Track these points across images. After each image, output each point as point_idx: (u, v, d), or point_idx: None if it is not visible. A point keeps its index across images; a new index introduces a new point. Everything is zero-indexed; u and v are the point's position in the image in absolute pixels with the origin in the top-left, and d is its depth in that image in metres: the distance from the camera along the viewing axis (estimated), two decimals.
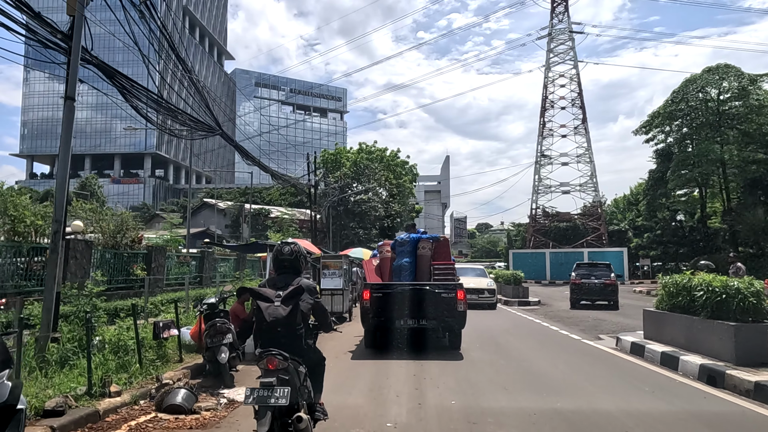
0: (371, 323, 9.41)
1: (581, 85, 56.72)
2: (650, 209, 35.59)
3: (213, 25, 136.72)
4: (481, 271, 20.68)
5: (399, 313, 9.17)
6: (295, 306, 3.56)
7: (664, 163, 31.60)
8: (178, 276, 16.86)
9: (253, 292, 3.71)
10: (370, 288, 9.44)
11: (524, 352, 9.69)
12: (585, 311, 18.05)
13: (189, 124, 10.39)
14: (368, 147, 47.73)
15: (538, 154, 58.80)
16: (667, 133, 31.92)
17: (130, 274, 13.95)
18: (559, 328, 13.12)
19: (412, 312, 9.17)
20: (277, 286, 3.72)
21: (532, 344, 10.68)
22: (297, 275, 3.88)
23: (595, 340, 11.09)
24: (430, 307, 9.17)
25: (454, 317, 9.19)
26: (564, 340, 11.32)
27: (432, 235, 10.84)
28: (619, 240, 52.91)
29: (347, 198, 38.95)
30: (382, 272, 10.64)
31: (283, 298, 3.57)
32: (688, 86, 27.71)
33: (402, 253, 10.33)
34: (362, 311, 9.45)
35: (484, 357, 9.07)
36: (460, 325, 9.35)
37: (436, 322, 9.29)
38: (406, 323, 9.25)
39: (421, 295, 9.18)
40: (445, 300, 9.16)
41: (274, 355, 3.46)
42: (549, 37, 59.04)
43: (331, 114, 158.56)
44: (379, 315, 9.27)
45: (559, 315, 16.95)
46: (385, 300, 9.21)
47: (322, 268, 14.38)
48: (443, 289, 9.26)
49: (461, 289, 9.28)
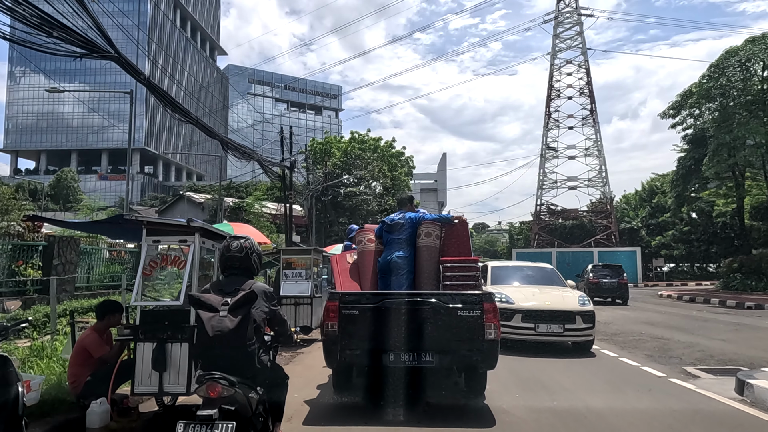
0: (340, 360, 5.55)
1: (590, 73, 53.00)
2: (679, 202, 31.68)
3: (206, 20, 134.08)
4: (552, 275, 11.32)
5: (386, 342, 5.41)
6: (246, 316, 2.99)
7: (697, 149, 27.75)
8: (102, 277, 12.96)
9: (193, 300, 3.09)
10: (339, 301, 5.56)
11: (591, 403, 5.86)
12: (633, 326, 14.25)
13: None
14: (361, 136, 43.51)
15: (543, 146, 55.06)
16: (696, 117, 28.11)
17: (16, 273, 10.05)
18: (618, 354, 9.25)
19: (409, 341, 5.39)
20: (224, 291, 3.11)
21: (598, 387, 6.84)
22: (249, 278, 3.29)
23: (689, 379, 7.23)
24: (437, 334, 5.40)
25: (477, 350, 5.38)
26: (640, 378, 7.47)
27: (441, 215, 6.88)
28: (631, 239, 49.27)
29: (336, 190, 35.07)
30: (361, 275, 6.63)
31: (231, 307, 2.97)
32: (729, 59, 23.91)
33: (393, 243, 6.46)
34: (325, 340, 5.59)
35: (528, 415, 5.26)
36: (487, 362, 5.50)
37: (449, 357, 5.47)
38: (398, 360, 5.42)
39: (424, 314, 5.45)
40: (463, 321, 5.40)
41: (217, 380, 2.82)
42: (555, 21, 55.23)
43: (326, 111, 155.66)
44: (353, 346, 5.48)
45: (600, 329, 13.09)
46: (363, 321, 5.47)
47: (284, 267, 10.48)
48: (460, 303, 5.46)
49: (490, 302, 5.46)
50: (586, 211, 53.61)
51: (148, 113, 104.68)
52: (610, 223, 49.89)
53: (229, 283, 3.20)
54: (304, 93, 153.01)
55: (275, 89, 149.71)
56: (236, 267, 3.30)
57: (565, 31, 55.19)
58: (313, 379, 7.10)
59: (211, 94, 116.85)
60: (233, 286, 3.15)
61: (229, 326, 2.91)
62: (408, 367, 5.51)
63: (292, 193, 20.68)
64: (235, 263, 3.29)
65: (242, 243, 3.33)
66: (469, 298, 5.49)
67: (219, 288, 3.18)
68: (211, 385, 2.85)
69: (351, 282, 6.58)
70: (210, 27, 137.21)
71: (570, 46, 54.75)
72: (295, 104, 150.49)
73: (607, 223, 50.32)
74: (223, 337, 2.91)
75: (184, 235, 4.80)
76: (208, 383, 2.86)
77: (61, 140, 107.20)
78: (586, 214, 53.17)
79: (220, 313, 2.96)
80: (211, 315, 2.96)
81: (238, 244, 3.32)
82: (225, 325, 2.92)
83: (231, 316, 2.95)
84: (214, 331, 2.91)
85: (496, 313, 5.45)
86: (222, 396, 2.85)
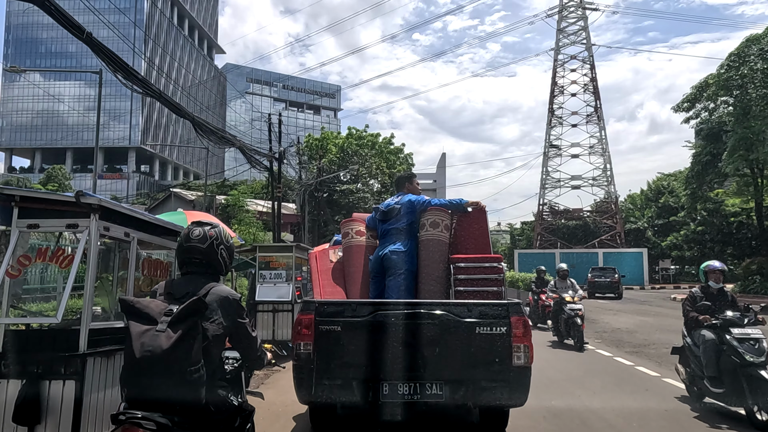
0: (315, 395, 4.06)
1: (595, 68, 51.47)
2: (694, 200, 30.15)
3: (203, 18, 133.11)
4: None
5: (379, 370, 4.01)
6: (189, 332, 2.13)
7: (713, 145, 26.22)
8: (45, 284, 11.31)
9: (124, 305, 2.20)
10: (316, 313, 4.13)
11: None
12: (660, 335, 12.78)
13: None
14: (358, 132, 41.88)
15: (545, 144, 53.52)
16: (711, 111, 26.62)
17: None
18: (661, 374, 7.74)
19: (410, 368, 3.98)
20: (173, 295, 2.31)
21: (648, 425, 5.33)
22: (211, 279, 2.46)
23: None
24: (447, 358, 3.98)
25: (502, 380, 3.94)
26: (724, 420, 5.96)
27: (452, 200, 5.22)
28: (636, 240, 47.71)
29: (332, 187, 33.46)
30: (348, 277, 5.17)
31: (172, 319, 2.12)
32: (750, 47, 22.41)
33: (388, 234, 5.01)
34: (296, 366, 4.12)
35: None
36: (516, 397, 4.00)
37: (464, 390, 3.98)
38: (394, 394, 3.98)
39: (429, 331, 4.01)
40: (483, 342, 3.98)
41: (139, 422, 2.01)
42: (559, 15, 53.71)
43: (325, 111, 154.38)
44: (334, 375, 4.05)
45: (624, 339, 11.59)
46: (348, 341, 4.08)
47: (261, 267, 8.91)
48: (479, 316, 4.03)
49: (519, 315, 4.03)
50: (590, 211, 52.09)
51: (144, 111, 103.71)
52: (615, 224, 48.36)
53: (182, 285, 2.40)
54: (303, 92, 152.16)
55: (273, 88, 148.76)
56: (196, 263, 2.49)
57: (570, 25, 53.68)
58: (289, 409, 5.56)
59: (209, 92, 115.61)
60: (187, 288, 2.35)
61: (163, 345, 2.09)
62: (408, 403, 4.02)
63: (281, 186, 19.06)
64: (196, 257, 2.48)
65: (206, 231, 2.51)
66: (490, 309, 4.08)
67: (170, 290, 2.39)
68: (128, 429, 2.06)
69: (334, 287, 5.13)
70: (208, 25, 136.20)
71: (574, 41, 53.24)
72: (294, 103, 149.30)
73: (612, 223, 48.78)
74: (153, 360, 2.08)
75: (76, 216, 3.26)
76: (125, 425, 2.07)
77: (56, 138, 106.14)
78: (590, 214, 51.64)
79: (156, 327, 2.15)
80: (143, 329, 2.14)
81: (201, 232, 2.50)
82: (158, 343, 2.10)
83: (170, 331, 2.14)
84: (142, 351, 2.09)
85: (527, 329, 4.04)
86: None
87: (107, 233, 3.45)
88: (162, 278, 4.62)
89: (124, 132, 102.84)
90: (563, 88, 53.00)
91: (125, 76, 8.42)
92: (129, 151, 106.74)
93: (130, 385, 2.19)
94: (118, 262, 4.34)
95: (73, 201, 3.17)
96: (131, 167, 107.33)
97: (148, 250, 4.49)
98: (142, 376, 2.13)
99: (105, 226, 3.39)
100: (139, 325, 2.17)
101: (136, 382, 2.17)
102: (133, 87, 8.62)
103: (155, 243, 4.41)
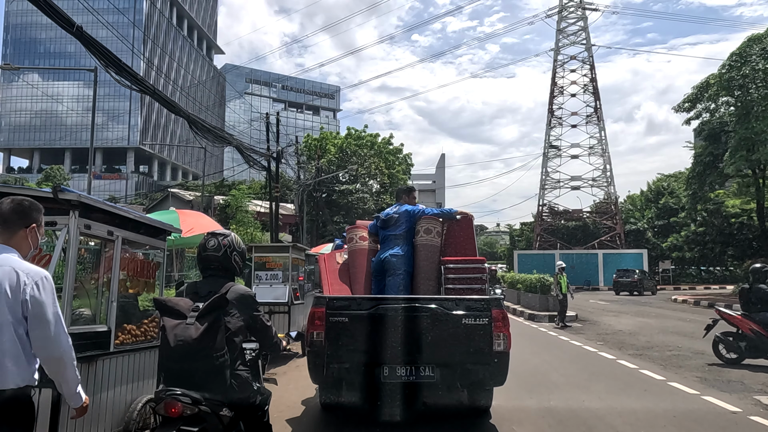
0: (327, 375, 4.86)
1: (594, 69, 51.30)
2: (695, 201, 29.98)
3: (202, 18, 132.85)
4: None
5: (380, 354, 4.81)
6: (214, 323, 2.60)
7: (714, 145, 26.03)
8: None
9: (158, 304, 2.75)
10: (327, 306, 4.88)
11: None
12: (663, 336, 12.59)
13: None
14: (357, 132, 41.64)
15: (545, 145, 53.34)
16: (712, 111, 26.43)
17: None
18: (666, 378, 7.54)
19: (406, 353, 4.79)
20: (199, 294, 2.80)
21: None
22: (229, 279, 2.94)
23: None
24: (438, 345, 4.81)
25: (484, 364, 4.76)
26: (714, 417, 5.77)
27: (443, 209, 6.11)
28: (636, 241, 47.52)
29: (330, 187, 33.23)
30: (352, 277, 5.87)
31: (200, 313, 2.61)
32: (752, 47, 22.24)
33: (388, 240, 5.78)
34: (310, 352, 4.94)
35: None
36: (496, 378, 4.87)
37: (452, 372, 4.81)
38: (393, 375, 4.79)
39: (423, 322, 4.83)
40: (468, 331, 4.78)
41: (177, 397, 2.50)
42: (559, 15, 53.54)
43: (324, 112, 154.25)
44: (342, 359, 4.84)
45: (627, 341, 11.40)
46: (354, 330, 4.86)
47: (257, 268, 8.71)
48: (465, 309, 4.86)
49: (499, 309, 4.85)
50: (590, 211, 51.90)
51: (143, 112, 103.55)
52: (615, 224, 48.18)
53: (205, 286, 2.89)
54: (302, 93, 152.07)
55: (272, 89, 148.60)
56: (214, 268, 2.94)
57: (569, 26, 53.51)
58: (292, 393, 5.49)
59: (208, 93, 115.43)
60: (209, 288, 2.84)
61: (193, 335, 2.58)
62: (405, 383, 4.82)
63: (279, 186, 18.85)
64: (213, 263, 2.94)
65: (220, 241, 2.95)
66: (474, 303, 4.89)
67: (194, 291, 2.87)
68: (170, 403, 2.56)
69: (341, 285, 5.86)
70: (207, 26, 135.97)
71: (574, 42, 53.08)
72: (293, 104, 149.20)
73: (612, 224, 48.60)
74: (186, 348, 2.58)
75: (54, 214, 3.06)
76: (167, 400, 2.57)
77: (54, 138, 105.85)
78: (589, 214, 51.45)
79: (186, 321, 2.64)
80: (176, 323, 2.64)
81: (216, 242, 2.95)
82: (188, 333, 2.59)
83: (198, 324, 2.61)
84: (176, 341, 2.59)
85: (506, 321, 4.84)
86: (184, 415, 2.56)
87: (88, 231, 3.26)
88: (149, 279, 4.42)
89: (123, 132, 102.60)
90: (563, 89, 52.82)
91: (117, 71, 8.26)
92: (127, 151, 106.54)
93: (166, 369, 2.67)
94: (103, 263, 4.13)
95: (50, 197, 2.98)
96: (130, 167, 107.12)
97: (133, 249, 4.28)
98: (176, 361, 2.59)
99: (86, 224, 3.20)
100: (171, 319, 2.63)
101: (172, 367, 2.63)
102: (126, 83, 8.42)
103: (142, 242, 4.21)
